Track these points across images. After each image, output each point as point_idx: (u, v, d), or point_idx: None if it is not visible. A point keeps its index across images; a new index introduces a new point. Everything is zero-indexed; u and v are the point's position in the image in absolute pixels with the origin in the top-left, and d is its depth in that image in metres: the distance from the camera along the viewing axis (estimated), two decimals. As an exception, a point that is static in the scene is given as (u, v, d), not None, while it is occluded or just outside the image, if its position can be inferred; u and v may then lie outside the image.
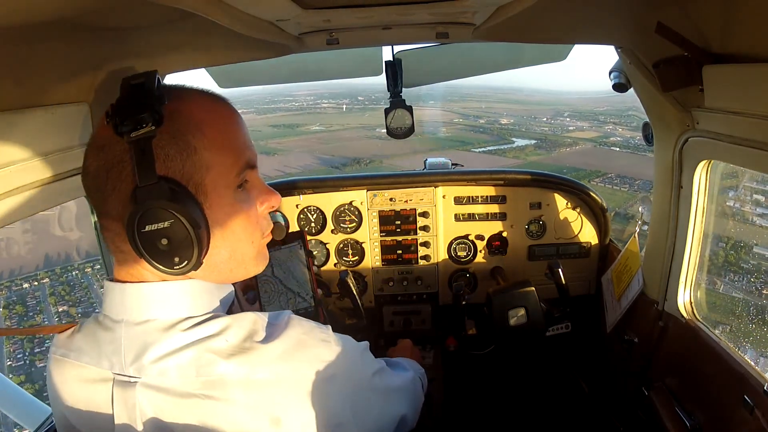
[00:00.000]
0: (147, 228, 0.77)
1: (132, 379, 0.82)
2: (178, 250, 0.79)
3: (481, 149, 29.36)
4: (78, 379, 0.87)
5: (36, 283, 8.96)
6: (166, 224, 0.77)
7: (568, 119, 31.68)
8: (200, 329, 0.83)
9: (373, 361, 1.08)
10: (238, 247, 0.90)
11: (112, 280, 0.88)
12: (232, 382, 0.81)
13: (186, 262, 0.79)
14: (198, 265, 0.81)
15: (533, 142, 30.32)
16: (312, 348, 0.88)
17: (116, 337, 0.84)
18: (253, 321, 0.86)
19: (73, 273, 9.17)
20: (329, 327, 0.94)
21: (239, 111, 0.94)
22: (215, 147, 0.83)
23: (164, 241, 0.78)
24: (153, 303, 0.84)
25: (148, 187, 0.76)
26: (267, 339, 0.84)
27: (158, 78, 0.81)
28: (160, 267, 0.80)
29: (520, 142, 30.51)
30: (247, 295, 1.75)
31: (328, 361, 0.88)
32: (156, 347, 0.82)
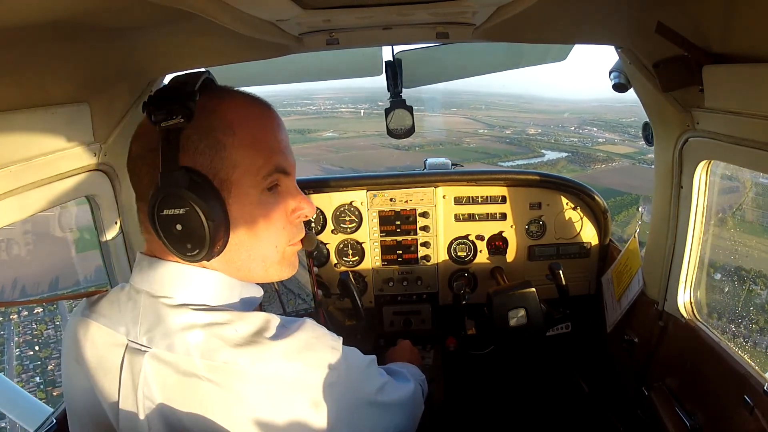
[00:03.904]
0: (165, 212, 0.81)
1: (143, 348, 0.85)
2: (191, 238, 0.82)
3: (509, 163, 26.65)
4: (95, 339, 0.90)
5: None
6: (181, 211, 0.80)
7: (595, 129, 30.03)
8: (212, 314, 0.86)
9: (377, 376, 1.08)
10: (259, 248, 0.91)
11: (144, 252, 0.93)
12: (234, 371, 0.82)
13: (197, 251, 0.82)
14: (211, 255, 0.84)
15: (564, 155, 27.94)
16: (318, 352, 0.89)
17: (136, 306, 0.88)
18: (265, 319, 0.87)
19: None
20: (341, 338, 0.95)
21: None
22: (244, 147, 0.86)
23: (178, 227, 0.81)
24: (174, 281, 0.88)
25: (170, 174, 0.80)
26: (276, 337, 0.86)
27: (208, 77, 0.87)
28: (173, 251, 0.84)
29: (551, 155, 28.06)
30: None
31: (332, 369, 0.89)
32: (168, 321, 0.85)
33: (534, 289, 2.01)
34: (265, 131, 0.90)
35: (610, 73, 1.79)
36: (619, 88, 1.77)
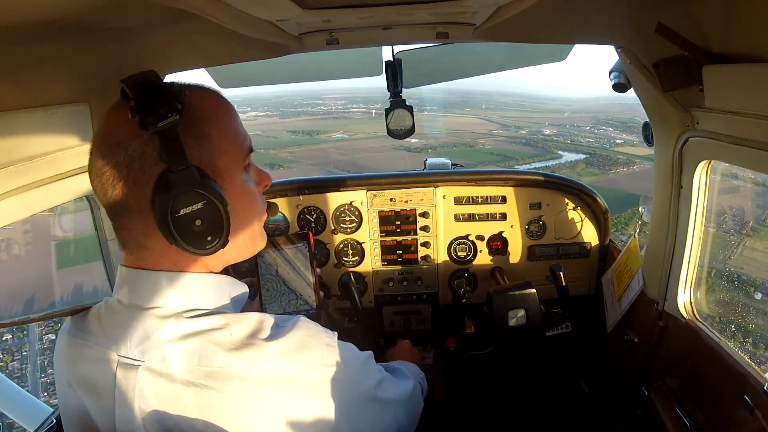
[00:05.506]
0: (182, 212, 0.81)
1: (135, 362, 0.85)
2: (210, 230, 0.83)
3: (526, 166, 25.11)
4: (85, 359, 0.90)
5: None
6: (200, 205, 0.82)
7: (611, 130, 28.78)
8: (206, 320, 0.86)
9: (375, 371, 1.08)
10: (249, 224, 0.96)
11: (124, 265, 0.92)
12: (232, 375, 0.82)
13: (217, 240, 0.84)
14: (226, 242, 0.85)
15: (583, 157, 26.59)
16: (315, 350, 0.89)
17: (125, 320, 0.87)
18: (259, 320, 0.88)
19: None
20: (335, 334, 0.95)
21: (265, 113, 1.00)
22: (225, 135, 0.90)
23: (198, 222, 0.82)
24: (163, 291, 0.87)
25: (180, 172, 0.80)
26: (271, 338, 0.86)
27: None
28: (192, 249, 0.83)
29: (568, 156, 26.64)
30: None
31: (329, 366, 0.89)
32: (160, 332, 0.84)
33: (534, 290, 2.01)
34: (234, 117, 0.95)
35: (610, 73, 1.79)
36: (619, 88, 1.77)
